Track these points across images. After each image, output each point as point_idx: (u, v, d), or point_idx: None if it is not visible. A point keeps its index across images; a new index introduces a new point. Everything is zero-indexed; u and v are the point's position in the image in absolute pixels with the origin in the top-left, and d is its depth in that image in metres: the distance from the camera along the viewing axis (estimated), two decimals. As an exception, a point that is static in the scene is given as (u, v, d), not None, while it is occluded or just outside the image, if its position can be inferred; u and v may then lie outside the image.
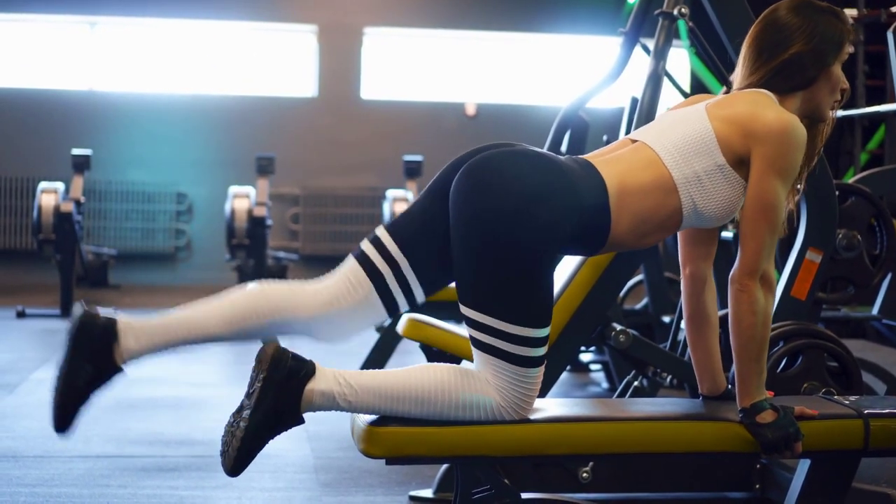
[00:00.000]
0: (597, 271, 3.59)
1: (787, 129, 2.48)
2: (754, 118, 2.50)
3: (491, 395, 2.40)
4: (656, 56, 3.86)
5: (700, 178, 2.50)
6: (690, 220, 2.54)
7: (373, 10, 12.42)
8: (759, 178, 2.49)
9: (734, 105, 2.55)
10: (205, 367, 6.57)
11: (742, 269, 2.50)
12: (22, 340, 7.48)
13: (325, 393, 2.39)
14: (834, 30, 2.62)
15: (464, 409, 2.40)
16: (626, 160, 2.52)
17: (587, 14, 12.35)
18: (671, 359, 3.79)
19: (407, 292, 2.52)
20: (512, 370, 2.39)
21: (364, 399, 2.39)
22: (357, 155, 12.14)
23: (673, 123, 2.58)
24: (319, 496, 3.77)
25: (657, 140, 2.55)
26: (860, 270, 3.96)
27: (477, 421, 2.41)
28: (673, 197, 2.50)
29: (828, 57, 2.61)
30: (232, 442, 2.39)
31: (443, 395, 2.39)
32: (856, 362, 3.52)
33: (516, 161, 2.40)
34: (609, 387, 5.87)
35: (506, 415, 2.42)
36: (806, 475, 2.69)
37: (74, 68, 11.98)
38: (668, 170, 2.50)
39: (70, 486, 3.79)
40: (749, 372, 2.51)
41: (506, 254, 2.34)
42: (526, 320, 2.37)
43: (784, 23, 2.61)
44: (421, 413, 2.40)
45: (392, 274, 2.50)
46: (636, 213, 2.48)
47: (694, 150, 2.51)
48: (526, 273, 2.36)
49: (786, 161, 2.48)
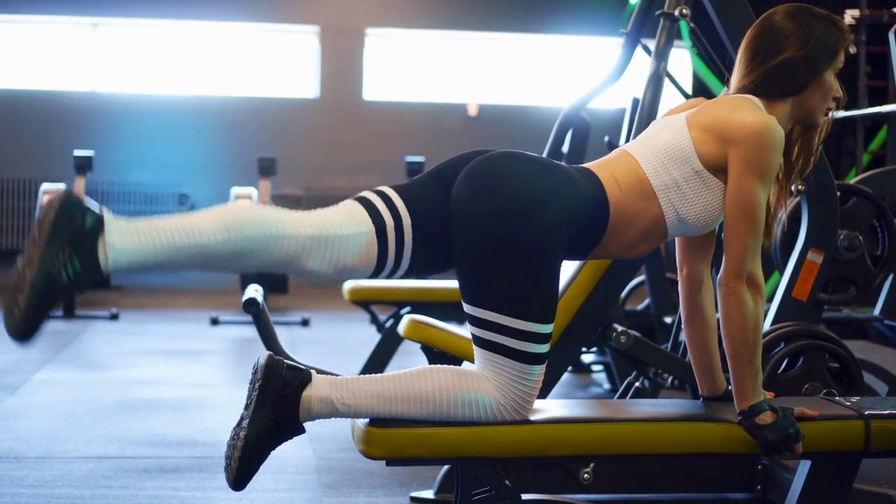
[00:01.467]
0: (598, 272, 3.59)
1: (762, 130, 2.48)
2: (730, 121, 2.50)
3: (491, 394, 2.41)
4: (657, 57, 3.86)
5: (679, 185, 2.51)
6: (675, 227, 2.55)
7: (375, 11, 12.42)
8: (737, 181, 2.49)
9: (713, 111, 2.56)
10: (206, 368, 6.57)
11: (728, 271, 2.50)
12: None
13: (324, 399, 2.39)
14: (829, 37, 2.61)
15: (463, 408, 2.40)
16: (609, 165, 2.56)
17: (589, 15, 12.36)
18: (672, 360, 3.79)
19: (398, 253, 2.42)
20: (514, 367, 2.39)
21: (363, 403, 2.39)
22: (359, 156, 12.14)
23: (656, 133, 2.60)
24: (321, 497, 3.77)
25: (638, 148, 2.57)
26: (862, 271, 3.96)
27: (477, 421, 2.42)
28: (653, 203, 2.51)
29: (820, 64, 2.60)
30: (234, 454, 2.40)
31: (442, 396, 2.39)
32: (857, 363, 3.52)
33: (516, 160, 2.42)
34: (610, 388, 5.87)
35: (506, 414, 2.42)
36: (807, 476, 2.68)
37: (77, 69, 11.99)
38: (646, 176, 2.52)
39: (71, 488, 3.79)
40: (744, 374, 2.51)
41: (512, 252, 2.35)
42: (530, 315, 2.37)
43: (779, 27, 2.61)
44: (421, 414, 2.40)
45: (393, 226, 2.41)
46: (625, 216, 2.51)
47: (671, 157, 2.53)
48: (531, 269, 2.37)
49: (762, 162, 2.48)
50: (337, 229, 2.38)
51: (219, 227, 2.31)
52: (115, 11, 11.95)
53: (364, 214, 2.41)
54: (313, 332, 8.12)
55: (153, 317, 9.03)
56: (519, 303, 2.37)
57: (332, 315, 9.17)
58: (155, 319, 8.85)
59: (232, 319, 8.53)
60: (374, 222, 2.40)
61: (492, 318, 2.38)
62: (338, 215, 2.41)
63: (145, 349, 7.15)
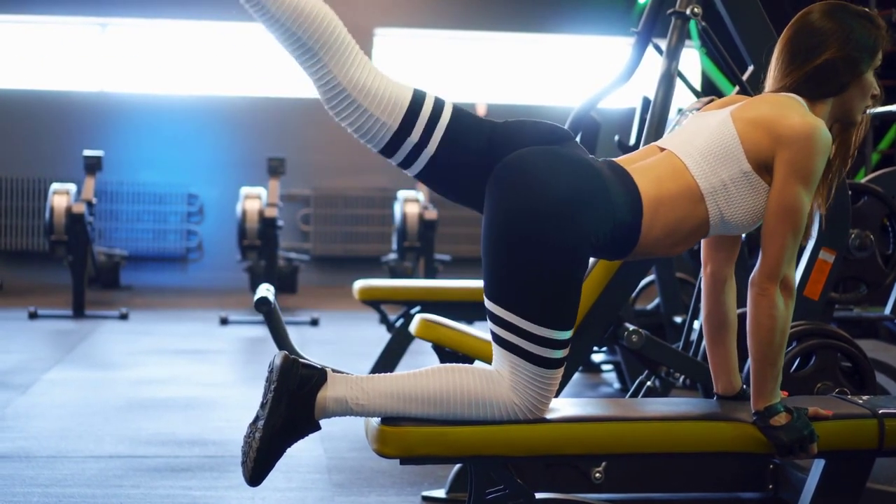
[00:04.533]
0: (609, 272, 3.58)
1: (812, 134, 2.45)
2: (780, 121, 2.47)
3: (506, 394, 2.40)
4: (669, 56, 3.85)
5: (726, 187, 2.48)
6: (717, 228, 2.52)
7: (383, 11, 12.42)
8: (782, 183, 2.47)
9: (759, 108, 2.53)
10: (216, 368, 6.58)
11: (763, 272, 2.48)
12: (34, 341, 7.49)
13: (338, 399, 2.40)
14: (868, 36, 2.59)
15: (478, 408, 2.40)
16: (656, 169, 2.51)
17: (599, 14, 12.34)
18: (683, 359, 3.78)
19: (414, 152, 2.44)
20: (531, 370, 2.39)
21: (377, 402, 2.39)
22: (368, 155, 12.11)
23: (699, 129, 2.56)
24: (332, 496, 3.77)
25: (683, 148, 2.53)
26: (873, 270, 3.95)
27: (491, 421, 2.41)
28: (700, 207, 2.49)
29: (861, 64, 2.59)
30: (249, 453, 2.42)
31: (456, 396, 2.39)
32: (869, 362, 3.51)
33: (558, 162, 2.39)
34: (621, 387, 5.86)
35: (521, 414, 2.41)
36: (820, 475, 2.68)
37: (85, 69, 12.00)
38: (694, 179, 2.49)
39: (83, 487, 3.80)
40: (765, 376, 2.50)
41: (538, 254, 2.34)
42: (551, 321, 2.37)
43: (818, 27, 2.58)
44: (435, 414, 2.40)
45: (422, 129, 2.43)
46: (666, 224, 2.47)
47: (719, 157, 2.49)
48: (556, 274, 2.36)
49: (809, 166, 2.46)
50: (376, 85, 2.42)
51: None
52: (124, 11, 11.95)
53: (406, 100, 2.43)
54: (323, 332, 8.12)
55: (163, 316, 9.04)
56: (539, 308, 2.36)
57: (341, 315, 9.17)
58: (164, 319, 8.86)
59: (241, 319, 8.54)
60: (408, 110, 2.42)
61: (511, 319, 2.38)
62: (383, 81, 2.44)
63: (155, 349, 7.16)
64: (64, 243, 8.82)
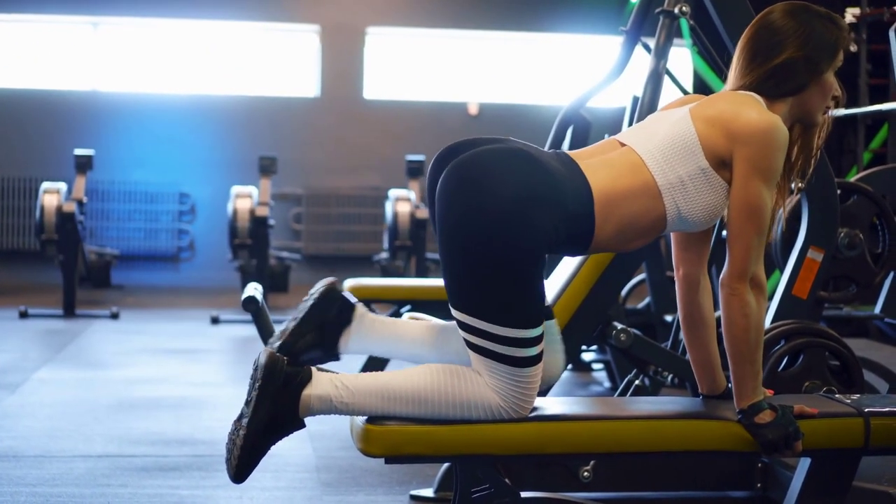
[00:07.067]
0: (598, 270, 3.58)
1: (768, 130, 2.45)
2: (736, 118, 2.47)
3: (490, 395, 2.40)
4: (657, 55, 3.85)
5: (684, 183, 2.48)
6: (674, 224, 2.52)
7: (375, 10, 12.42)
8: (742, 182, 2.46)
9: (717, 105, 2.53)
10: (207, 367, 6.57)
11: (731, 272, 2.48)
12: (24, 340, 7.48)
13: (322, 397, 2.39)
14: (829, 36, 2.58)
15: (462, 408, 2.40)
16: (613, 164, 2.50)
17: (589, 13, 12.35)
18: (673, 358, 3.78)
19: None
20: (506, 370, 2.39)
21: (361, 401, 2.39)
22: (360, 155, 12.13)
23: (658, 126, 2.55)
24: (320, 495, 3.77)
25: (642, 144, 2.52)
26: (862, 269, 3.95)
27: (476, 420, 2.41)
28: (657, 202, 2.48)
29: (821, 64, 2.58)
30: (234, 450, 2.42)
31: (441, 396, 2.39)
32: (857, 361, 3.51)
33: (504, 161, 2.37)
34: (610, 386, 5.87)
35: (505, 414, 2.41)
36: (806, 474, 2.68)
37: (77, 68, 11.99)
38: (652, 175, 2.48)
39: (71, 486, 3.79)
40: (744, 374, 2.50)
41: (492, 255, 2.32)
42: (514, 322, 2.36)
43: (778, 26, 2.57)
44: (420, 413, 2.40)
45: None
46: (621, 219, 2.46)
47: (677, 153, 2.49)
48: (512, 274, 2.34)
49: (768, 162, 2.46)
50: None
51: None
52: (115, 10, 11.94)
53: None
54: (314, 331, 8.09)
55: (154, 316, 9.03)
56: (503, 310, 2.35)
57: (332, 314, 9.14)
58: (155, 318, 8.85)
59: (232, 318, 8.53)
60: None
61: (476, 323, 2.37)
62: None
63: (145, 348, 7.15)
64: (54, 242, 8.81)
